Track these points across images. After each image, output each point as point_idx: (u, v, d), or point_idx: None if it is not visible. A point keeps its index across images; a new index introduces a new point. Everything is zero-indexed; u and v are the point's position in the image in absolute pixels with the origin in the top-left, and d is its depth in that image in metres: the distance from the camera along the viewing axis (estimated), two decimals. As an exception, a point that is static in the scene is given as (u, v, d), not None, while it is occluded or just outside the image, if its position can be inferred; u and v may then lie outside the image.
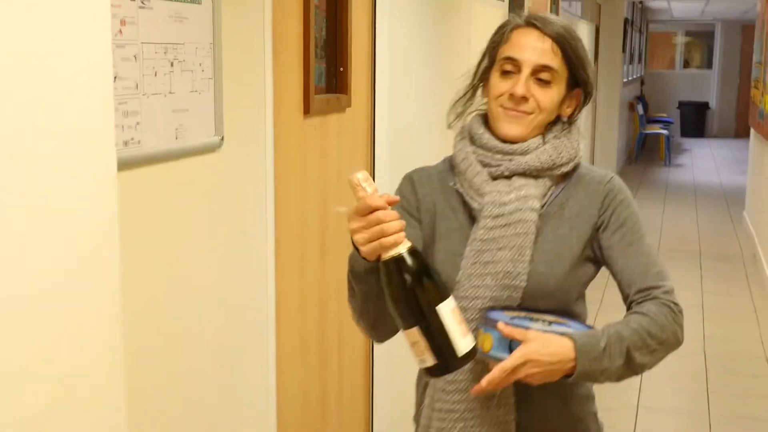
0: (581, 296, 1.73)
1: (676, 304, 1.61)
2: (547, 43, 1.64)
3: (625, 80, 12.76)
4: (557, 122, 1.70)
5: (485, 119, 1.70)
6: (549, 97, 1.64)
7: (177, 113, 1.81)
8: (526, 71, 1.63)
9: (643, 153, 14.33)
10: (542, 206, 1.64)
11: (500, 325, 1.53)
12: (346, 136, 2.95)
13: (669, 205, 9.98)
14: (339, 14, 2.86)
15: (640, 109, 14.23)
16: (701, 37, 18.80)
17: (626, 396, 4.42)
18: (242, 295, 2.19)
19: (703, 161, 14.10)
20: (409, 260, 1.42)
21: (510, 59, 1.65)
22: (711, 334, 5.43)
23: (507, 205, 1.61)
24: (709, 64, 18.77)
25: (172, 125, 1.79)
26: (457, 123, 1.76)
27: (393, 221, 1.42)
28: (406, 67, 3.38)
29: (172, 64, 1.79)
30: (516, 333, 1.51)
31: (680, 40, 19.18)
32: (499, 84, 1.66)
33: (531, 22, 1.66)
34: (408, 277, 1.42)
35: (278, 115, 2.32)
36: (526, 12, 1.77)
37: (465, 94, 1.75)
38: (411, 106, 3.48)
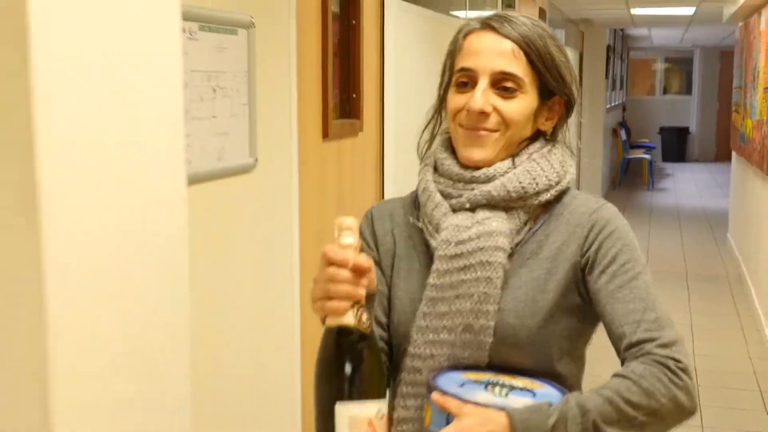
0: (568, 353, 1.41)
1: (676, 360, 1.27)
2: (506, 46, 1.37)
3: (608, 106, 13.00)
4: (538, 139, 1.44)
5: (451, 143, 1.45)
6: (515, 109, 1.38)
7: (219, 136, 1.95)
8: (482, 81, 1.37)
9: (626, 178, 14.57)
10: (516, 244, 1.38)
11: (434, 395, 1.29)
12: (359, 158, 3.10)
13: (654, 228, 10.17)
14: (351, 47, 3.02)
15: (623, 134, 14.49)
16: (680, 63, 19.14)
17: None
18: (271, 299, 2.34)
19: (685, 185, 14.34)
20: (335, 339, 1.20)
21: (464, 70, 1.40)
22: (700, 352, 5.59)
23: (466, 243, 1.35)
24: (688, 90, 19.10)
25: (215, 147, 1.93)
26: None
27: (342, 284, 1.18)
28: (411, 93, 3.55)
29: (214, 90, 1.93)
30: (450, 406, 1.26)
31: (660, 66, 19.52)
32: (454, 99, 1.41)
33: (487, 23, 1.40)
34: (326, 356, 1.21)
35: (301, 139, 2.47)
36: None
37: (431, 119, 1.51)
38: (416, 128, 3.64)
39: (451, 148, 1.44)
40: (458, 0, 4.71)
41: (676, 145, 17.98)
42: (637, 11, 9.94)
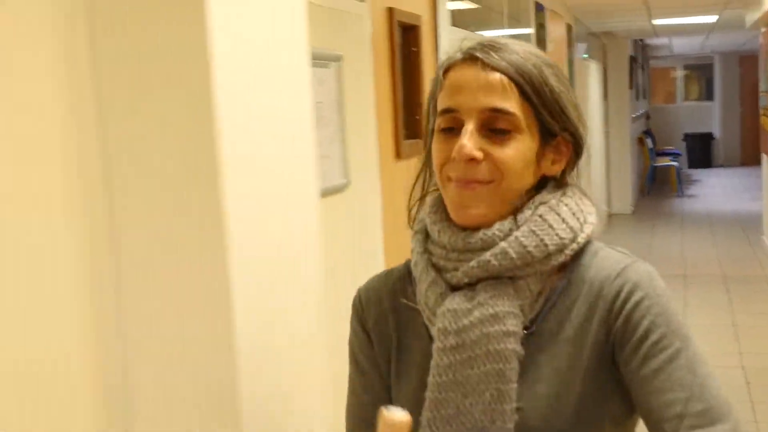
0: None
1: None
2: (495, 78, 1.13)
3: (633, 116, 13.15)
4: (545, 187, 1.20)
5: (443, 202, 1.20)
6: (511, 153, 1.13)
7: (322, 159, 2.16)
8: (469, 123, 1.13)
9: (655, 186, 14.67)
10: (530, 323, 1.14)
11: None
12: (425, 177, 3.32)
13: (687, 234, 10.27)
14: (413, 72, 3.23)
15: (649, 143, 14.62)
16: (699, 69, 19.24)
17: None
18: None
19: (714, 190, 14.42)
20: None
21: (447, 111, 1.15)
22: (748, 350, 5.71)
23: (468, 331, 1.11)
24: (708, 96, 19.19)
25: (320, 169, 2.14)
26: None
27: None
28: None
29: (318, 119, 2.14)
30: None
31: (679, 74, 19.64)
32: (439, 149, 1.16)
33: (470, 54, 1.16)
34: None
35: (381, 160, 2.68)
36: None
37: (420, 173, 1.25)
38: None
39: (443, 208, 1.19)
40: (497, 20, 4.92)
41: (701, 151, 18.05)
42: (659, 21, 10.11)
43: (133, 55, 1.31)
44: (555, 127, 1.17)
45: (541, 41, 5.83)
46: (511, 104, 1.14)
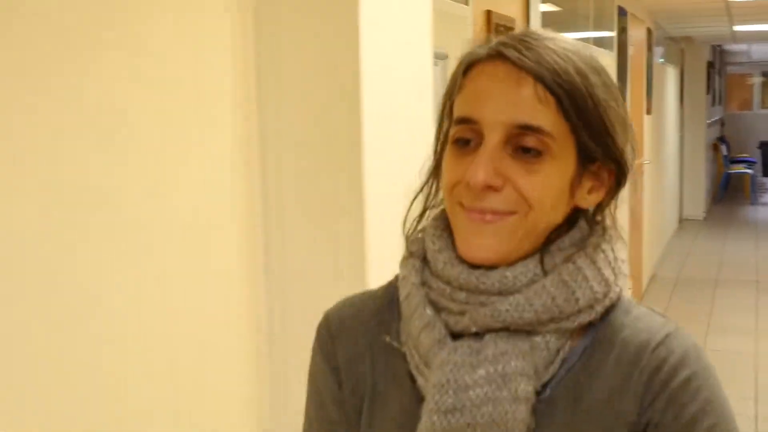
0: None
1: None
2: (528, 86, 0.89)
3: (708, 122, 13.05)
4: (576, 224, 0.97)
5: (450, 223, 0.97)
6: (541, 181, 0.90)
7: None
8: (491, 138, 0.90)
9: (727, 193, 14.52)
10: (543, 385, 0.92)
11: None
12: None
13: (760, 241, 10.19)
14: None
15: (723, 149, 14.47)
16: (778, 77, 18.91)
17: (742, 406, 4.76)
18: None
19: (789, 199, 14.22)
20: None
21: (464, 121, 0.91)
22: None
23: (470, 391, 0.89)
24: (786, 104, 18.85)
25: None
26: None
27: None
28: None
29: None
30: None
31: (757, 80, 19.32)
32: (451, 165, 0.94)
33: (498, 50, 0.92)
34: None
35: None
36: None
37: (423, 186, 1.01)
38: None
39: (449, 230, 0.96)
40: (583, 23, 5.03)
41: (776, 160, 17.74)
42: (740, 28, 10.04)
43: (293, 51, 1.50)
44: (597, 151, 0.92)
45: (622, 45, 5.92)
46: (546, 120, 0.89)
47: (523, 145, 0.90)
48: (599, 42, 5.31)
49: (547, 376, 0.93)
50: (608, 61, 5.48)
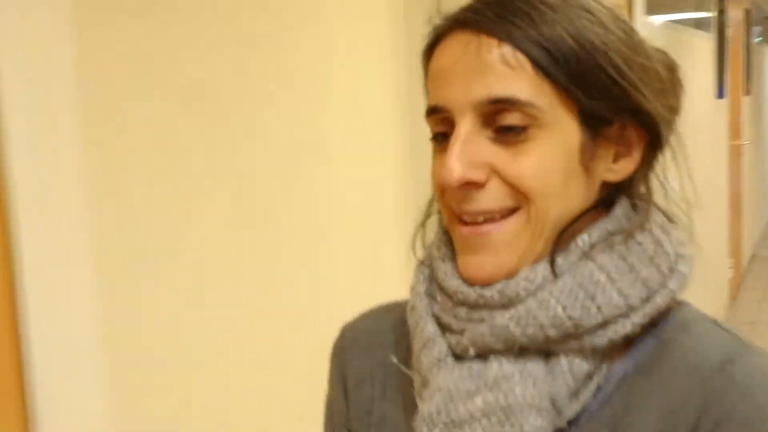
0: None
1: None
2: (492, 50, 0.72)
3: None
4: (605, 209, 0.77)
5: None
6: (534, 164, 0.72)
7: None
8: (462, 125, 0.73)
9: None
10: (568, 424, 0.73)
11: None
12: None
13: None
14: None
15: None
16: None
17: None
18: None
19: None
20: None
21: (434, 111, 0.76)
22: None
23: (464, 426, 0.72)
24: None
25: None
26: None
27: None
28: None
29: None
30: None
31: None
32: (435, 168, 0.78)
33: (456, 19, 0.76)
34: None
35: None
36: None
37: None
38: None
39: (451, 240, 0.81)
40: (684, 4, 5.13)
41: None
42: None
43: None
44: (602, 108, 0.73)
45: (720, 26, 5.99)
46: (521, 87, 0.71)
47: (502, 124, 0.72)
48: (698, 24, 5.41)
49: (576, 406, 0.73)
50: (707, 42, 5.57)
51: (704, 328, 0.76)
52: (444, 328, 0.77)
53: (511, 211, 0.74)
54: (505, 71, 0.71)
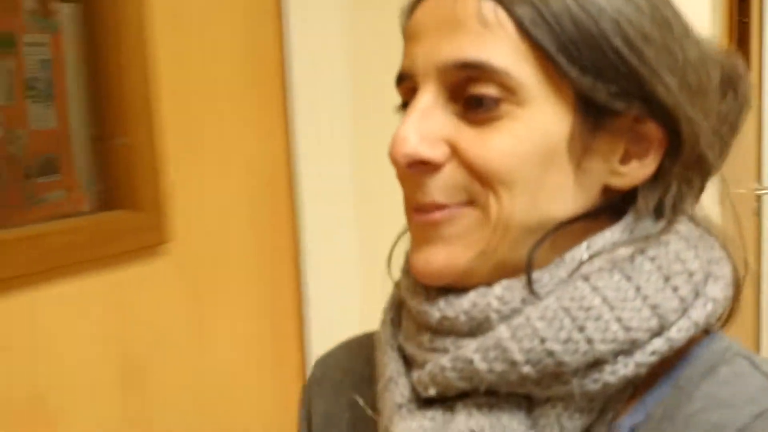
0: None
1: None
2: (470, 5, 0.57)
3: None
4: (610, 221, 0.61)
5: None
6: (504, 146, 0.57)
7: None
8: (424, 92, 0.59)
9: None
10: None
11: None
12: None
13: None
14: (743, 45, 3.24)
15: None
16: None
17: None
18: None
19: None
20: None
21: (400, 79, 0.63)
22: None
23: None
24: None
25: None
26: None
27: None
28: None
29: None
30: None
31: None
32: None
33: None
34: None
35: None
36: None
37: None
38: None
39: None
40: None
41: None
42: None
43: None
44: (602, 90, 0.56)
45: None
46: (498, 51, 0.56)
47: (472, 94, 0.57)
48: None
49: None
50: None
51: (734, 371, 0.58)
52: (409, 362, 0.62)
53: (468, 205, 0.58)
54: (480, 30, 0.56)
